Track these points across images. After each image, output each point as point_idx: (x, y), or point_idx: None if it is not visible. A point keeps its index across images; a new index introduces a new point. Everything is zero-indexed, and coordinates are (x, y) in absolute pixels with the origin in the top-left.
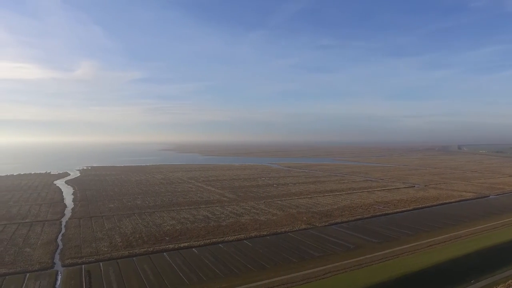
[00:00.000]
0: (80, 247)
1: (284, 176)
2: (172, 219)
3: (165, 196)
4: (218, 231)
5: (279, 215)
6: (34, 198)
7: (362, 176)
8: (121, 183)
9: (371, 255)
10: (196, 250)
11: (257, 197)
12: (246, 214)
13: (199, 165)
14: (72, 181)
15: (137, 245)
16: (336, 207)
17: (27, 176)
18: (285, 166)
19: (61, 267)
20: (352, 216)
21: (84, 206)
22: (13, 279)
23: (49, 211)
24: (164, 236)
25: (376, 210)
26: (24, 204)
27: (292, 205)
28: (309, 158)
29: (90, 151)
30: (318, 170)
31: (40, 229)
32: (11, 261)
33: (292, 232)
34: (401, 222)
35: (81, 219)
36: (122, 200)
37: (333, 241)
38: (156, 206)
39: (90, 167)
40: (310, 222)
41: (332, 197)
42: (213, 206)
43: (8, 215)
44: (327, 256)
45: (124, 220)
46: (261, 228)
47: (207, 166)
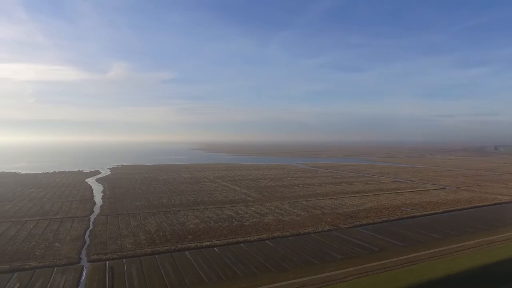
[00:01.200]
0: (105, 243)
1: (310, 177)
2: (196, 218)
3: (191, 195)
4: (240, 231)
5: (303, 216)
6: (66, 195)
7: (391, 177)
8: (149, 181)
9: (395, 259)
10: (218, 249)
11: (282, 197)
12: (270, 214)
13: (227, 164)
14: (102, 179)
15: (160, 243)
16: (362, 208)
17: (61, 173)
18: (313, 166)
19: (86, 262)
20: (378, 218)
21: (112, 204)
22: (42, 272)
23: (79, 208)
24: (187, 234)
25: (404, 212)
26: (57, 200)
27: (317, 205)
28: (337, 159)
29: (122, 150)
30: (345, 170)
31: (69, 225)
32: (41, 255)
33: (315, 233)
34: (429, 225)
35: (109, 216)
36: (148, 198)
37: (357, 243)
38: (181, 205)
39: (120, 166)
40: (334, 223)
41: (358, 198)
42: (237, 205)
43: (42, 211)
44: (350, 258)
45: (149, 218)
46: (284, 228)
47: (234, 165)
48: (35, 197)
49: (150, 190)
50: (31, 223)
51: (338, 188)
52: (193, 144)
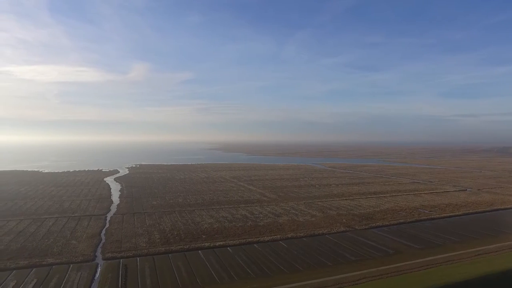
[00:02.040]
0: (120, 241)
1: (327, 177)
2: (210, 218)
3: (207, 194)
4: (254, 231)
5: (318, 217)
6: (85, 193)
7: (409, 178)
8: (166, 181)
9: (411, 262)
10: (231, 249)
11: (297, 197)
12: (285, 214)
13: (244, 164)
14: (120, 178)
15: (174, 242)
16: (378, 209)
17: (81, 172)
18: (330, 166)
19: (101, 260)
20: (394, 219)
21: (129, 203)
22: (58, 269)
23: (96, 206)
24: (201, 234)
25: (421, 214)
26: (76, 199)
27: (333, 206)
28: (355, 159)
29: (141, 150)
30: (363, 171)
31: (87, 223)
32: (58, 252)
33: (329, 234)
34: (447, 227)
35: (125, 215)
36: (165, 197)
37: (372, 245)
38: (197, 204)
39: (138, 165)
40: (349, 225)
41: (375, 199)
42: (252, 205)
43: (61, 208)
44: (364, 260)
45: (164, 217)
46: (298, 229)
47: (251, 165)
48: (55, 195)
49: (166, 190)
50: (51, 221)
51: (354, 189)
52: (211, 144)
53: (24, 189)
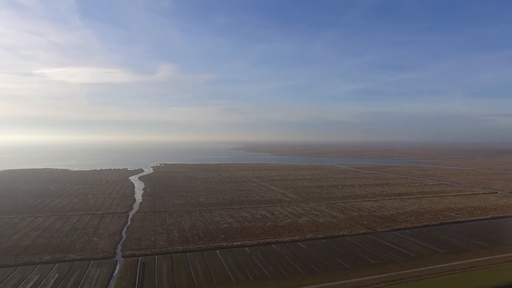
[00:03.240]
0: (140, 239)
1: (351, 178)
2: (230, 217)
3: (228, 194)
4: (273, 231)
5: (339, 218)
6: (110, 191)
7: (436, 180)
8: (189, 180)
9: (434, 267)
10: (249, 249)
11: (319, 198)
12: (305, 215)
13: (267, 164)
14: (144, 177)
15: (192, 241)
16: (402, 211)
17: (107, 171)
18: (354, 167)
19: (121, 257)
20: (418, 222)
21: (151, 201)
22: (79, 265)
23: (120, 204)
24: (219, 233)
25: (447, 217)
26: (100, 196)
27: (355, 207)
28: (380, 159)
29: (166, 149)
30: (388, 172)
31: (109, 220)
32: (80, 248)
33: (349, 236)
34: (474, 231)
35: (146, 213)
36: (186, 196)
37: (393, 248)
38: (218, 204)
39: (163, 164)
40: (370, 227)
41: (399, 200)
42: (273, 206)
43: (86, 206)
44: (384, 264)
45: (185, 216)
46: (318, 230)
47: (274, 165)
48: (81, 193)
49: (189, 189)
50: (75, 218)
51: (378, 190)
52: (235, 143)
53: (53, 186)
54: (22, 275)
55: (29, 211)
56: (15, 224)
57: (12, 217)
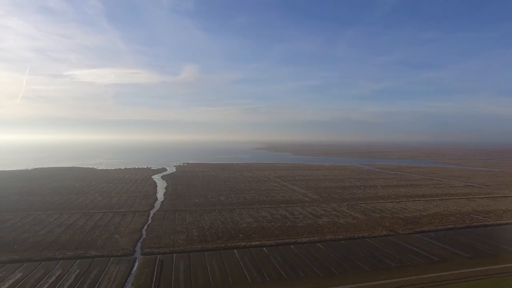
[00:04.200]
0: (159, 238)
1: (373, 178)
2: (250, 217)
3: (249, 194)
4: (292, 232)
5: (360, 219)
6: (132, 190)
7: (463, 181)
8: (210, 179)
9: (457, 271)
10: (267, 249)
11: (340, 198)
12: (325, 216)
13: (289, 164)
14: (167, 176)
15: (211, 240)
16: (426, 213)
17: (130, 170)
18: (377, 167)
19: (140, 255)
20: (442, 224)
21: (172, 200)
22: (99, 261)
23: (141, 202)
24: (238, 233)
25: (473, 220)
26: (123, 195)
27: (376, 209)
28: (405, 160)
29: (190, 149)
30: (412, 172)
31: (130, 218)
32: (101, 245)
33: (370, 238)
34: (503, 236)
35: (167, 212)
36: (207, 196)
37: (415, 251)
38: (238, 203)
39: (186, 164)
40: (392, 229)
41: (423, 202)
42: (293, 206)
43: (109, 204)
44: (405, 267)
45: (205, 215)
46: (338, 231)
47: (296, 165)
48: (105, 191)
49: (210, 188)
50: (98, 215)
51: (401, 191)
52: (258, 143)
53: (79, 184)
54: (45, 270)
55: (55, 208)
56: (42, 220)
57: (39, 214)
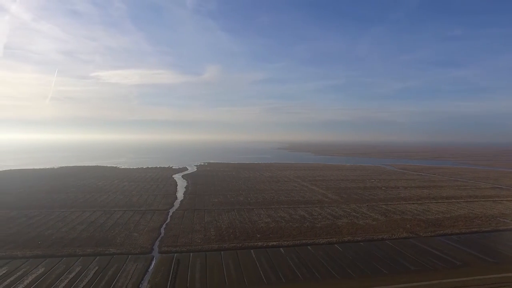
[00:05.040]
0: (177, 236)
1: (395, 179)
2: (268, 217)
3: (268, 193)
4: (310, 233)
5: (380, 220)
6: (153, 189)
7: (490, 183)
8: (230, 179)
9: (481, 277)
10: (284, 250)
11: (360, 199)
12: (345, 217)
13: (310, 164)
14: (188, 175)
15: (228, 239)
16: (449, 216)
17: (152, 169)
18: (400, 168)
19: (157, 253)
20: (466, 227)
21: (192, 199)
22: (118, 259)
23: (161, 201)
24: (255, 233)
25: (500, 223)
26: (144, 194)
27: (397, 210)
28: (429, 160)
29: (212, 148)
30: (437, 173)
31: (150, 217)
32: (120, 243)
33: (390, 240)
34: None
35: (186, 211)
36: (226, 195)
37: (436, 255)
38: (257, 203)
39: (206, 163)
40: (413, 231)
41: (446, 204)
42: (312, 206)
43: (129, 202)
44: (425, 271)
45: (223, 214)
46: (357, 232)
47: (317, 165)
48: (127, 189)
49: (229, 187)
50: (118, 213)
51: (424, 193)
52: (280, 143)
53: (102, 183)
54: (66, 266)
55: (78, 206)
56: (65, 217)
57: (63, 211)
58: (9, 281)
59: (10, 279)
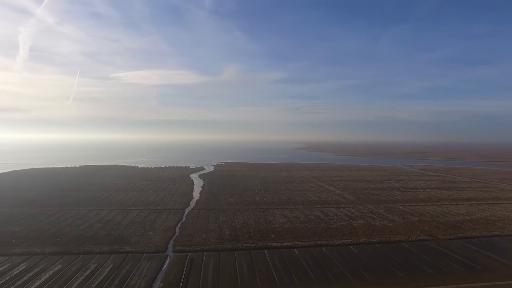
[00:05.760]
0: (192, 236)
1: (415, 180)
2: (283, 217)
3: (284, 193)
4: (325, 234)
5: (397, 222)
6: (170, 188)
7: None
8: (247, 179)
9: (503, 282)
10: (297, 250)
11: (378, 200)
12: (361, 218)
13: (327, 164)
14: (205, 175)
15: (242, 239)
16: (470, 218)
17: (170, 169)
18: (420, 168)
19: (171, 252)
20: (487, 230)
21: (208, 199)
22: (132, 257)
23: (177, 201)
24: (270, 233)
25: None
26: (161, 193)
27: (415, 212)
28: (451, 161)
29: (230, 148)
30: (458, 174)
31: (165, 216)
32: (135, 241)
33: (406, 242)
34: None
35: (201, 210)
36: (242, 195)
37: (455, 258)
38: (272, 203)
39: (224, 163)
40: (431, 233)
41: (467, 206)
42: (328, 207)
43: (146, 201)
44: (443, 275)
45: (238, 214)
46: (373, 234)
47: (335, 165)
48: (144, 189)
49: (246, 187)
50: (135, 212)
51: (444, 194)
52: (299, 143)
53: (120, 182)
54: (82, 263)
55: (96, 204)
56: (83, 215)
57: (81, 209)
58: (27, 276)
59: (28, 275)
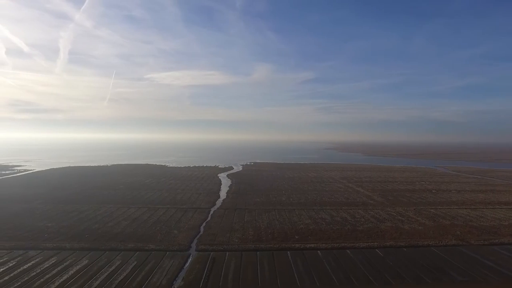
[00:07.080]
0: (215, 235)
1: (448, 182)
2: (308, 218)
3: (311, 194)
4: (351, 236)
5: (426, 225)
6: (197, 187)
7: None
8: (274, 179)
9: None
10: (321, 252)
11: (408, 202)
12: (389, 220)
13: (357, 165)
14: (232, 174)
15: (265, 240)
16: (507, 223)
17: (198, 168)
18: (454, 170)
19: (194, 251)
20: None
21: (234, 198)
22: (156, 255)
23: (204, 200)
24: (294, 234)
25: None
26: (188, 192)
27: (447, 215)
28: (488, 163)
29: (259, 148)
30: (495, 177)
31: (191, 215)
32: (160, 239)
33: (436, 247)
34: None
35: (227, 210)
36: (269, 195)
37: (488, 265)
38: (298, 204)
39: (252, 163)
40: (463, 238)
41: (505, 210)
42: (355, 208)
43: (173, 200)
44: (475, 283)
45: (263, 214)
46: (400, 237)
47: (365, 166)
48: (172, 187)
49: (273, 187)
50: (162, 211)
51: (479, 197)
52: (329, 143)
53: (149, 180)
54: (107, 259)
55: (124, 202)
56: (112, 213)
57: (111, 207)
58: (56, 270)
59: (57, 269)
